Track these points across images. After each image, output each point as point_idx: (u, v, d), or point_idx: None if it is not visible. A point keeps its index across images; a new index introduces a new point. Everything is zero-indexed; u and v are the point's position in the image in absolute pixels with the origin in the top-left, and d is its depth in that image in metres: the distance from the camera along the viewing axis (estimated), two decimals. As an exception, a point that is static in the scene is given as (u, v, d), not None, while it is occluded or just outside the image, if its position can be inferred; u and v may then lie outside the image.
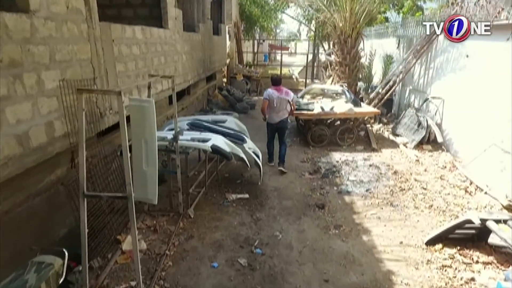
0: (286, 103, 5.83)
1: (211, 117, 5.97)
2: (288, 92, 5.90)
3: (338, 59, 9.60)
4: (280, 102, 5.77)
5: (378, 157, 6.76)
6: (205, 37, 9.42)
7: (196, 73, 8.57)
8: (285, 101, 5.81)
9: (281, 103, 5.78)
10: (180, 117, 5.98)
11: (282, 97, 5.77)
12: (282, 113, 5.88)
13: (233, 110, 11.07)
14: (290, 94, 5.91)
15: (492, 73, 5.64)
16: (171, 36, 6.33)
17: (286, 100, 5.81)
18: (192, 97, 9.41)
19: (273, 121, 5.92)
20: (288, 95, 5.84)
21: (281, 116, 5.88)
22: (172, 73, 6.48)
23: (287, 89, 6.01)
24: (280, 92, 5.80)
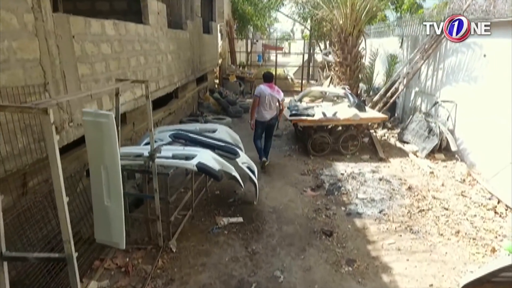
0: (276, 101, 5.79)
1: (199, 125, 5.20)
2: (280, 91, 5.87)
3: (338, 59, 8.91)
4: (271, 100, 5.70)
5: (387, 168, 6.06)
6: (194, 36, 8.64)
7: (184, 75, 7.79)
8: (276, 99, 5.76)
9: (272, 101, 5.72)
10: (162, 126, 5.19)
11: (273, 94, 5.70)
12: (273, 111, 5.82)
13: (225, 114, 10.30)
14: (281, 93, 5.89)
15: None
16: (153, 33, 5.55)
17: (276, 99, 5.76)
18: (181, 100, 8.62)
19: (264, 119, 5.82)
20: (279, 94, 5.80)
21: (272, 114, 5.83)
22: (154, 75, 5.70)
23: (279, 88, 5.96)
24: (272, 89, 5.73)
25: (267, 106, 5.70)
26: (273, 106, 5.76)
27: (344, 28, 8.50)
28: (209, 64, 11.10)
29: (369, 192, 5.00)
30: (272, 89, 5.71)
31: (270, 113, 5.78)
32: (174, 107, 8.07)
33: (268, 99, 5.65)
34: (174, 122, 8.09)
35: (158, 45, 5.82)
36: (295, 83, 17.76)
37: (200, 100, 10.76)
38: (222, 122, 8.75)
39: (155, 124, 6.93)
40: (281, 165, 6.31)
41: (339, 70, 8.90)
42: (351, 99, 7.11)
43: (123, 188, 3.51)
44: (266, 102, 5.66)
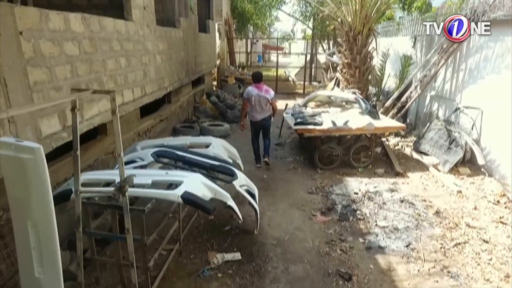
0: (266, 101, 5.59)
1: (189, 139, 4.43)
2: (268, 91, 5.64)
3: (346, 60, 8.15)
4: (260, 101, 5.56)
5: (406, 185, 5.31)
6: (189, 34, 7.89)
7: (176, 78, 7.04)
8: (265, 100, 5.57)
9: (260, 102, 5.57)
10: (145, 141, 4.42)
11: (261, 95, 5.54)
12: (263, 112, 5.69)
13: (223, 119, 9.56)
14: (271, 92, 5.66)
15: None
16: (137, 31, 4.80)
17: (266, 99, 5.57)
18: (174, 105, 7.87)
19: (255, 119, 5.76)
20: (268, 93, 5.59)
21: (263, 115, 5.70)
22: (139, 79, 4.94)
23: (267, 87, 5.74)
24: (259, 90, 5.57)
25: (256, 107, 5.60)
26: (262, 107, 5.61)
27: (353, 26, 7.75)
28: (206, 66, 10.35)
29: (390, 217, 4.23)
30: (259, 90, 5.57)
31: (261, 114, 5.68)
32: (166, 113, 7.33)
33: (257, 100, 5.54)
34: (166, 130, 7.35)
35: (144, 44, 5.06)
36: (297, 85, 17.01)
37: (196, 104, 10.01)
38: (219, 129, 8.01)
39: (144, 133, 6.19)
40: (285, 180, 5.56)
41: (347, 72, 8.15)
42: (362, 105, 6.35)
43: (87, 227, 2.79)
44: (255, 103, 5.56)
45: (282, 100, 13.32)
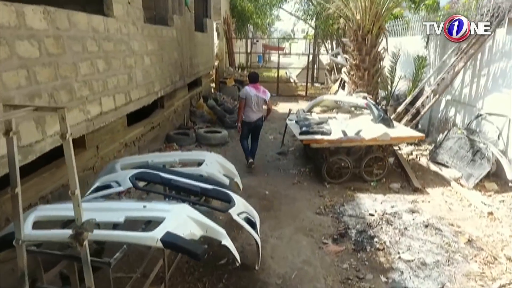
0: (263, 102, 5.64)
1: (179, 155, 3.79)
2: (266, 92, 5.68)
3: (355, 61, 7.53)
4: (258, 101, 5.56)
5: (427, 204, 4.68)
6: (183, 33, 7.26)
7: (169, 81, 6.42)
8: (262, 100, 5.61)
9: (258, 102, 5.57)
10: (127, 158, 3.77)
11: (259, 95, 5.55)
12: (259, 112, 5.69)
13: (221, 124, 8.93)
14: (267, 93, 5.69)
15: None
16: (120, 29, 4.17)
17: (263, 99, 5.60)
18: (168, 110, 7.26)
19: (250, 120, 5.67)
20: (265, 94, 5.62)
21: (258, 115, 5.69)
22: (123, 84, 4.31)
23: (264, 88, 5.74)
24: (257, 90, 5.57)
25: (253, 108, 5.57)
26: (259, 107, 5.63)
27: (362, 24, 7.12)
28: (203, 67, 9.73)
29: (415, 248, 3.60)
30: (257, 90, 5.56)
31: (257, 115, 5.65)
32: (158, 119, 6.71)
33: (254, 100, 5.52)
34: (159, 138, 6.73)
35: (128, 44, 4.43)
36: (299, 86, 16.38)
37: (193, 108, 9.38)
38: (216, 136, 7.38)
39: (133, 142, 5.57)
40: (290, 198, 4.93)
41: (355, 74, 7.52)
42: (375, 112, 5.71)
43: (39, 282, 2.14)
44: (253, 103, 5.53)
45: (284, 103, 12.70)
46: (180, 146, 7.05)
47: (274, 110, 11.75)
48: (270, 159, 6.65)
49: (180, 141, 7.10)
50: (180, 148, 6.95)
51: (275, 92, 13.70)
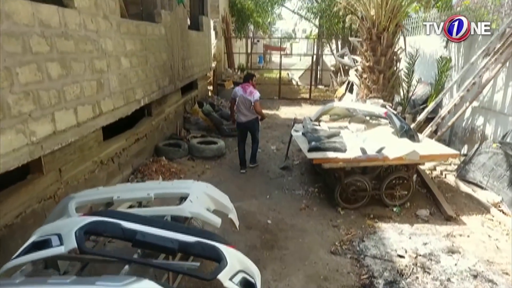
0: (249, 104, 5.28)
1: (156, 187, 2.86)
2: (252, 93, 5.26)
3: (368, 62, 6.67)
4: (244, 102, 5.30)
5: (467, 239, 3.82)
6: (174, 32, 6.41)
7: (156, 86, 5.56)
8: (247, 102, 5.28)
9: (244, 103, 5.30)
10: (87, 191, 2.87)
11: (245, 96, 5.27)
12: (249, 114, 5.39)
13: (218, 132, 8.08)
14: (254, 94, 5.26)
15: None
16: (84, 24, 3.31)
17: (248, 101, 5.26)
18: (157, 118, 6.40)
19: (239, 120, 5.54)
20: (251, 95, 5.24)
21: (248, 117, 5.40)
22: (89, 93, 3.45)
23: (253, 88, 5.36)
24: (244, 90, 5.31)
25: (240, 108, 5.38)
26: (245, 109, 5.34)
27: (377, 21, 6.26)
28: (198, 69, 8.87)
29: (466, 312, 2.74)
30: (244, 90, 5.30)
31: (244, 117, 5.40)
32: (145, 129, 5.85)
33: (240, 101, 5.32)
34: (145, 151, 5.87)
35: (98, 43, 3.57)
36: (301, 89, 15.52)
37: (187, 114, 8.52)
38: (211, 148, 6.52)
39: (111, 159, 4.72)
40: (297, 229, 4.07)
41: (369, 77, 6.66)
42: (396, 123, 4.84)
43: None
44: (239, 104, 5.36)
45: (286, 107, 11.82)
46: (170, 160, 6.19)
47: (276, 115, 10.91)
48: (272, 175, 5.80)
49: (171, 154, 6.25)
50: (169, 162, 6.10)
51: (276, 95, 12.87)
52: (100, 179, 4.38)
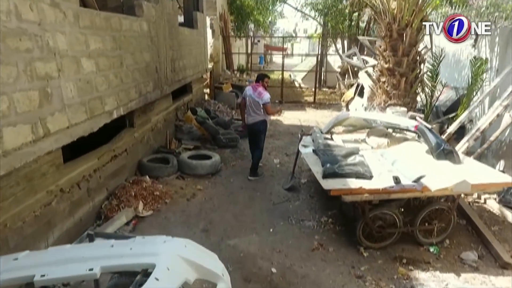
0: (257, 105, 4.97)
1: (109, 253, 1.95)
2: (261, 94, 4.95)
3: (387, 64, 5.72)
4: (250, 102, 5.02)
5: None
6: (160, 28, 5.47)
7: (136, 93, 4.62)
8: (256, 103, 4.97)
9: (252, 104, 5.00)
10: (14, 255, 1.90)
11: (253, 96, 4.97)
12: (255, 115, 5.06)
13: (213, 142, 7.13)
14: (264, 96, 4.94)
15: None
16: (16, 12, 2.37)
17: (257, 103, 4.96)
18: (141, 129, 5.48)
19: (247, 122, 5.25)
20: (260, 97, 4.93)
21: (254, 119, 5.09)
22: (26, 108, 2.50)
23: (262, 89, 5.03)
24: (254, 90, 5.02)
25: (248, 109, 5.13)
26: (253, 110, 5.07)
27: (399, 15, 5.31)
28: (192, 71, 7.94)
29: None
30: (253, 90, 5.05)
31: (252, 118, 5.14)
32: (125, 143, 4.93)
33: (248, 101, 5.09)
34: (124, 169, 4.94)
35: (42, 40, 2.63)
36: (305, 91, 14.56)
37: (179, 121, 7.58)
38: (204, 164, 5.57)
39: (76, 185, 3.80)
40: (310, 280, 3.13)
41: (388, 81, 5.72)
42: (431, 140, 3.88)
43: None
44: (248, 105, 5.12)
45: (289, 111, 10.81)
46: (156, 179, 5.26)
47: (278, 121, 9.94)
48: (276, 198, 4.86)
49: (156, 172, 5.32)
50: (154, 181, 5.16)
51: (278, 98, 11.90)
52: (59, 213, 3.45)
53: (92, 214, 4.13)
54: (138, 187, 4.69)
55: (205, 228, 4.01)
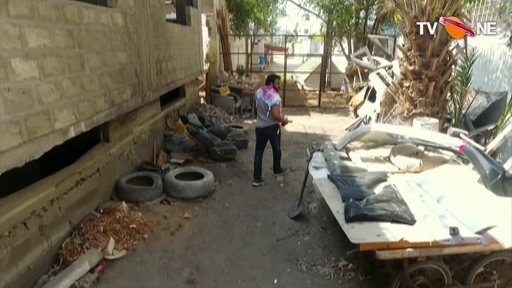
0: (266, 108, 4.74)
1: None
2: (271, 96, 4.71)
3: (412, 66, 4.81)
4: (260, 106, 4.85)
5: None
6: (141, 22, 4.57)
7: (106, 103, 3.71)
8: (265, 106, 4.75)
9: (262, 107, 4.81)
10: None
11: (263, 99, 4.78)
12: (267, 119, 4.84)
13: (207, 155, 6.23)
14: (272, 98, 4.70)
15: None
16: None
17: (266, 105, 4.72)
18: (119, 144, 4.60)
19: (258, 125, 5.10)
20: (269, 99, 4.70)
21: (267, 122, 4.88)
22: None
23: (273, 91, 4.80)
24: (264, 93, 4.82)
25: (259, 113, 4.95)
26: (262, 113, 4.84)
27: (429, 8, 4.40)
28: (184, 74, 7.03)
29: None
30: (263, 93, 4.82)
31: (262, 122, 4.91)
32: (98, 162, 4.04)
33: (258, 104, 4.89)
34: (95, 194, 4.05)
35: None
36: (308, 93, 13.66)
37: (169, 131, 6.67)
38: (194, 185, 4.66)
39: (21, 223, 2.89)
40: None
41: (413, 86, 4.81)
42: (484, 165, 2.94)
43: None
44: (258, 108, 4.92)
45: (292, 116, 9.80)
46: (136, 204, 4.37)
47: (282, 130, 9.05)
48: (281, 231, 3.96)
49: (136, 195, 4.43)
50: (134, 207, 4.27)
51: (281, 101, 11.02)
52: (-8, 266, 2.55)
53: (47, 258, 3.21)
54: (110, 218, 3.78)
55: (190, 279, 3.10)
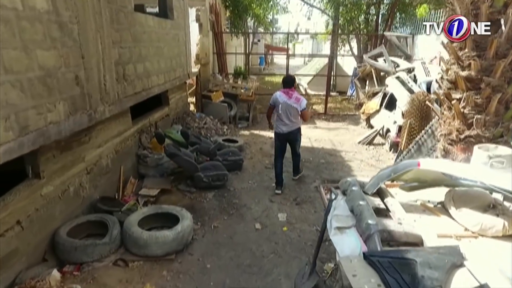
0: (296, 112, 4.63)
1: None
2: (299, 99, 4.61)
3: (464, 70, 3.48)
4: (287, 110, 4.60)
5: None
6: (86, 9, 3.23)
7: (5, 133, 2.36)
8: (294, 110, 4.60)
9: (287, 111, 4.60)
10: None
11: (290, 103, 4.57)
12: (291, 123, 4.69)
13: (190, 183, 4.92)
14: (302, 101, 4.61)
15: None
16: None
17: (295, 110, 4.60)
18: (61, 178, 3.29)
19: (280, 131, 4.79)
20: (298, 103, 4.58)
21: (291, 126, 4.71)
22: None
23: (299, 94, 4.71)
24: (288, 96, 4.60)
25: (282, 117, 4.65)
26: (290, 118, 4.62)
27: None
28: (163, 78, 5.69)
29: None
30: (288, 97, 4.58)
31: (288, 126, 4.69)
32: (20, 208, 2.70)
33: (283, 108, 4.59)
34: (13, 258, 2.70)
35: None
36: (312, 98, 12.31)
37: (143, 151, 5.32)
38: (163, 239, 3.27)
39: None
40: None
41: (468, 99, 3.47)
42: None
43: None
44: (280, 112, 4.63)
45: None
46: (77, 268, 3.05)
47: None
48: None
49: (80, 254, 3.12)
50: (74, 273, 2.95)
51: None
52: None
53: None
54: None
55: None
